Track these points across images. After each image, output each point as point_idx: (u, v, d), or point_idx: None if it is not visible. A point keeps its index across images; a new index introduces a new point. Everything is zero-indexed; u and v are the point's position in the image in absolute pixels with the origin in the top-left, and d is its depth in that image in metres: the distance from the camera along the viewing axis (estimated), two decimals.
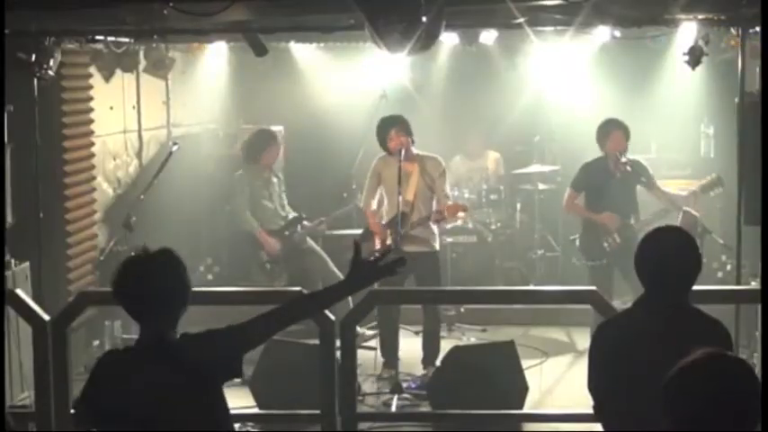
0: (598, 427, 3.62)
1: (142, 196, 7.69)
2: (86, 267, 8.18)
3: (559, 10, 6.64)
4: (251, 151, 8.57)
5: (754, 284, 7.40)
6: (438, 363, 7.02)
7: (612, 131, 7.66)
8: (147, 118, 9.62)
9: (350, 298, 5.35)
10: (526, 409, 6.40)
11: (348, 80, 9.92)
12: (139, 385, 3.29)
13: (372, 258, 3.60)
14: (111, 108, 8.87)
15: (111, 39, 7.64)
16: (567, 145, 9.87)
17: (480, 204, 9.68)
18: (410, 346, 7.86)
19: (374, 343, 7.84)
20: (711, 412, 2.23)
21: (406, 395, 7.05)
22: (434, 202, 7.49)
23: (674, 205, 7.69)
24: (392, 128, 7.34)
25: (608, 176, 7.74)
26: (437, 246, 7.63)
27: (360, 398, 6.79)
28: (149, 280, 3.35)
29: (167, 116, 10.14)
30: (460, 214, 9.23)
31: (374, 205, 7.64)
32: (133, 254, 3.46)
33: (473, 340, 8.53)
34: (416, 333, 8.01)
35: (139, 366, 3.34)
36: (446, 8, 6.03)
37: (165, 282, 3.36)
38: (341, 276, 8.19)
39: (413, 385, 7.25)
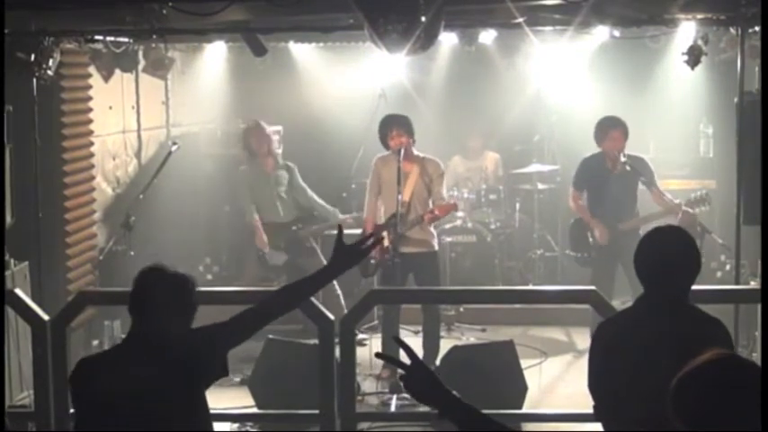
0: (598, 426, 3.61)
1: (141, 196, 7.69)
2: (86, 267, 8.18)
3: (559, 10, 6.65)
4: (245, 149, 8.64)
5: (754, 284, 7.41)
6: (437, 362, 7.02)
7: (611, 131, 7.64)
8: (147, 118, 9.62)
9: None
10: (525, 409, 6.39)
11: (347, 80, 9.93)
12: (123, 378, 3.33)
13: (355, 242, 3.65)
14: (111, 108, 8.87)
15: (110, 39, 7.64)
16: (566, 145, 9.87)
17: (479, 204, 9.68)
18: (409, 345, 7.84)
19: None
20: (725, 413, 2.24)
21: (405, 395, 7.04)
22: (431, 204, 7.48)
23: (666, 209, 7.64)
24: (393, 127, 7.34)
25: (606, 173, 7.74)
26: (436, 246, 7.63)
27: (359, 398, 6.79)
28: (158, 296, 3.43)
29: (166, 116, 10.15)
30: (459, 214, 9.26)
31: (375, 209, 7.64)
32: (154, 266, 3.54)
33: (472, 340, 8.53)
34: (416, 333, 8.01)
35: (125, 363, 3.39)
36: (445, 8, 6.03)
37: (170, 303, 3.44)
38: (335, 287, 8.21)
39: None
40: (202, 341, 3.45)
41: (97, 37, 7.49)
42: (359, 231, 7.87)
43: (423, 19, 5.82)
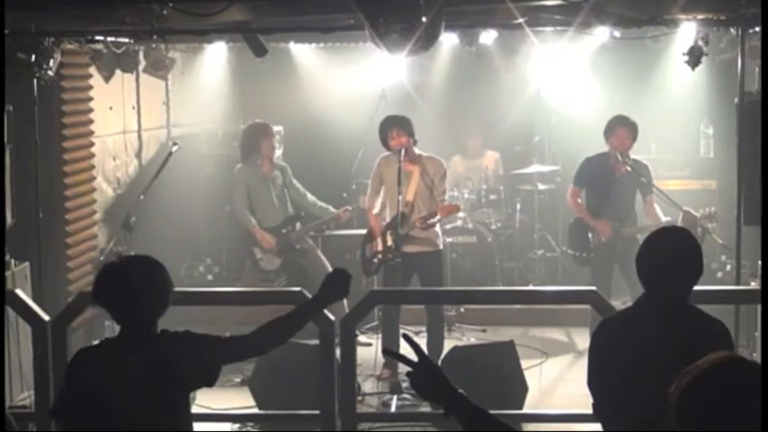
0: (598, 427, 3.62)
1: (142, 196, 7.68)
2: (86, 267, 8.18)
3: (559, 10, 6.65)
4: (246, 146, 8.54)
5: (754, 284, 7.41)
6: (438, 363, 7.02)
7: (617, 128, 7.64)
8: (147, 118, 9.62)
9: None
10: (526, 409, 6.39)
11: (348, 80, 9.93)
12: (113, 373, 3.36)
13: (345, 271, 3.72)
14: (111, 108, 8.88)
15: (110, 39, 7.64)
16: (566, 145, 9.87)
17: (480, 204, 9.68)
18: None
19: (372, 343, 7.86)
20: (730, 416, 2.22)
21: (405, 395, 7.04)
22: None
23: (655, 222, 7.56)
24: (393, 127, 7.35)
25: (608, 173, 7.73)
26: (440, 245, 7.62)
27: (359, 398, 6.79)
28: (125, 287, 3.43)
29: (167, 116, 10.15)
30: (460, 215, 9.25)
31: (377, 207, 7.64)
32: (111, 260, 3.59)
33: (473, 340, 8.53)
34: (416, 333, 8.01)
35: (114, 356, 3.42)
36: (446, 8, 6.03)
37: (140, 289, 3.43)
38: None
39: None
40: (191, 346, 3.47)
41: (98, 37, 7.49)
42: (363, 232, 7.88)
43: (423, 19, 5.82)
